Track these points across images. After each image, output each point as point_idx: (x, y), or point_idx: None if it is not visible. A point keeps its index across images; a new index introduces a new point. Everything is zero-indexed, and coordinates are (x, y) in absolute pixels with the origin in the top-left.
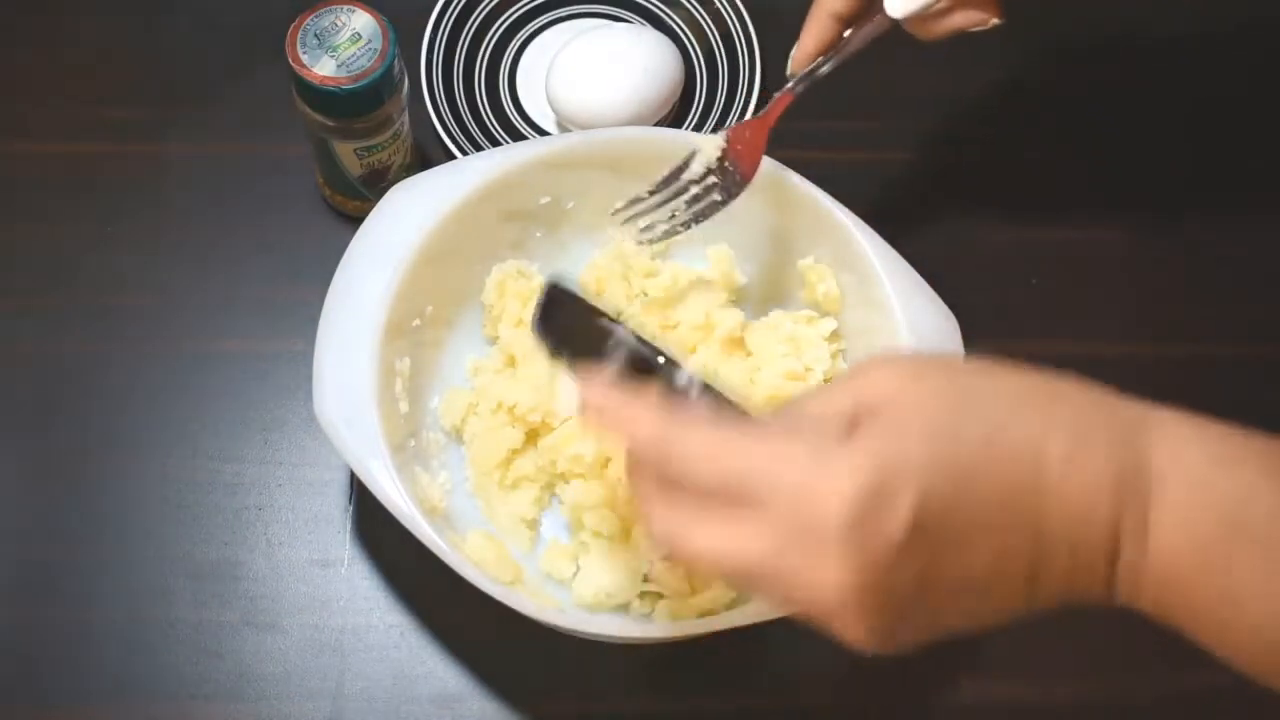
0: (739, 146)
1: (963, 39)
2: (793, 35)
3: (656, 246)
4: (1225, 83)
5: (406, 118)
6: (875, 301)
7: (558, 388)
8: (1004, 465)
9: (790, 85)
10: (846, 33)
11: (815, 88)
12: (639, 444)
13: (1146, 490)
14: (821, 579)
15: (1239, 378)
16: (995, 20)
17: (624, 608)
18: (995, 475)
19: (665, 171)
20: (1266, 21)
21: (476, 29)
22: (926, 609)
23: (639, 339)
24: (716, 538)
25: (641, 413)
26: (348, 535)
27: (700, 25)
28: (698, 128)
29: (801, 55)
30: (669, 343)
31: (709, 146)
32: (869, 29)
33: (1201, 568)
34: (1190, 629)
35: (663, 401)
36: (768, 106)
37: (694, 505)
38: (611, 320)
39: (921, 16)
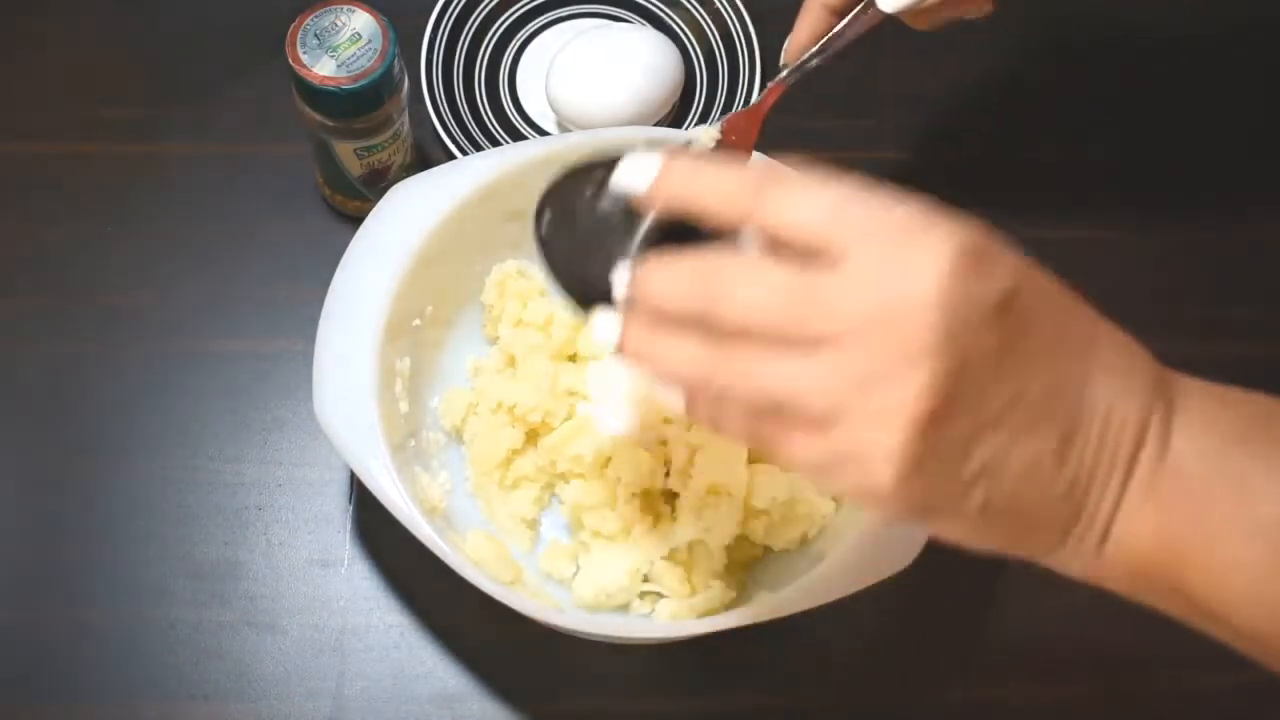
0: (733, 137)
1: (963, 35)
2: None
3: None
4: (1226, 82)
5: (406, 118)
6: None
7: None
8: (1070, 319)
9: (783, 75)
10: (840, 24)
11: (814, 85)
12: (730, 194)
13: (1172, 397)
14: (909, 324)
15: (1239, 378)
16: (989, 6)
17: (624, 608)
18: (1064, 315)
19: None
20: (1267, 21)
21: (476, 29)
22: (975, 418)
23: None
24: (790, 287)
25: (736, 170)
26: (348, 535)
27: (700, 25)
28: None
29: (795, 46)
30: None
31: (704, 137)
32: (863, 21)
33: (1218, 462)
34: (1188, 555)
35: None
36: (760, 95)
37: (769, 264)
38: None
39: (914, 10)
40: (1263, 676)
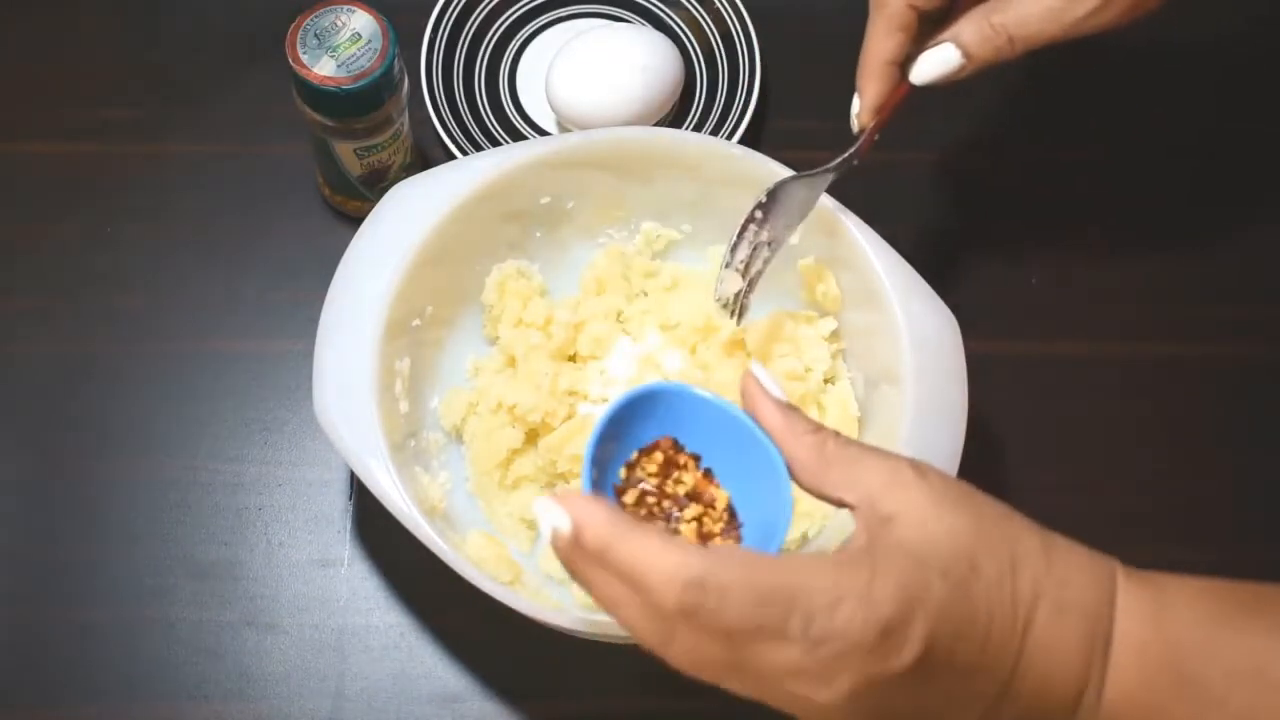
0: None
1: None
2: (793, 35)
3: (655, 246)
4: (1227, 82)
5: (406, 118)
6: (875, 301)
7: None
8: (1003, 612)
9: (860, 145)
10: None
11: (807, 86)
12: (662, 592)
13: (1107, 646)
14: (827, 694)
15: (1238, 378)
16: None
17: None
18: (994, 621)
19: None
20: (1273, 20)
21: (476, 29)
22: None
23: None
24: (741, 668)
25: (662, 555)
26: (348, 535)
27: (700, 25)
28: (698, 128)
29: (869, 106)
30: (668, 345)
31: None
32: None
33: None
34: None
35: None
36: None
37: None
38: None
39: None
40: None
